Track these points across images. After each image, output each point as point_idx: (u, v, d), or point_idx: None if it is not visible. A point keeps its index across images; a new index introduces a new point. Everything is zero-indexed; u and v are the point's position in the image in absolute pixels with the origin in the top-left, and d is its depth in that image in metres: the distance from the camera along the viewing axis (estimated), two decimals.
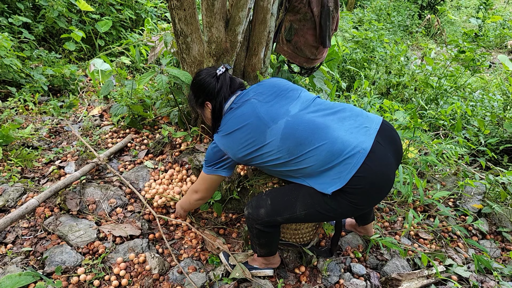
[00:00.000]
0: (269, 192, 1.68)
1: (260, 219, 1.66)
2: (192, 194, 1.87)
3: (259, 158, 1.56)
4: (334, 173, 1.42)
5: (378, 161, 1.41)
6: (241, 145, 1.56)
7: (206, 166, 1.71)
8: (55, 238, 2.03)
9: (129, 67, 4.63)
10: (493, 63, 6.82)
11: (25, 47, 4.03)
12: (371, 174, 1.39)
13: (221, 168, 1.68)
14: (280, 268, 2.00)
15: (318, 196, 1.49)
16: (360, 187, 1.40)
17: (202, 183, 1.78)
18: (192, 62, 2.66)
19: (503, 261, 2.27)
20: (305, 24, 2.67)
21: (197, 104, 1.77)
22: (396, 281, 1.94)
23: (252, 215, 1.69)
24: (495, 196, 2.66)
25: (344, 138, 1.42)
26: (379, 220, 2.48)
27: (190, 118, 2.95)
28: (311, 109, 1.54)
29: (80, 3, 4.22)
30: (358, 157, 1.39)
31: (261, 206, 1.65)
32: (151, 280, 1.85)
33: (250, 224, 1.73)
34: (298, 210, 1.56)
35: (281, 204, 1.59)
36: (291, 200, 1.57)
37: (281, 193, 1.64)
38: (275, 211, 1.61)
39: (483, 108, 3.76)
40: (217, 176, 1.71)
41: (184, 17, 2.45)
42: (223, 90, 1.67)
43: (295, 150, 1.46)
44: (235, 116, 1.60)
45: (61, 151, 2.82)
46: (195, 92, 1.75)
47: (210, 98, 1.69)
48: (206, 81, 1.68)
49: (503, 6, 11.87)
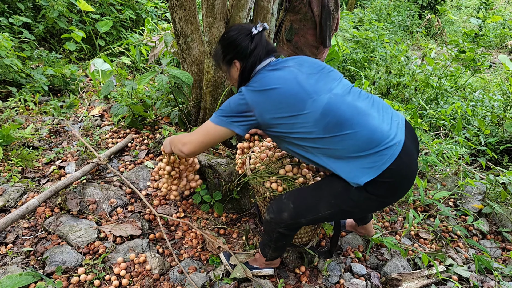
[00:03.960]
0: (289, 195, 1.62)
1: (283, 223, 1.60)
2: (183, 145, 1.61)
3: (288, 126, 1.44)
4: (368, 162, 1.38)
5: (409, 156, 1.42)
6: (275, 106, 1.42)
7: (219, 115, 1.49)
8: (56, 238, 2.03)
9: (129, 67, 4.63)
10: (494, 63, 6.82)
11: (26, 47, 4.03)
12: (403, 168, 1.40)
13: (238, 123, 1.47)
14: (281, 268, 2.00)
15: (342, 194, 1.47)
16: (391, 180, 1.39)
17: (203, 135, 1.54)
18: (193, 62, 2.66)
19: (503, 261, 2.26)
20: (305, 24, 2.67)
21: (224, 61, 1.61)
22: (397, 281, 1.94)
23: (274, 220, 1.62)
24: (495, 196, 2.66)
25: (383, 128, 1.41)
26: (380, 220, 2.48)
27: (191, 118, 2.95)
28: (351, 94, 1.49)
29: (81, 3, 4.22)
30: (394, 149, 1.38)
31: (284, 209, 1.59)
32: (151, 280, 1.85)
33: (272, 229, 1.67)
34: (322, 211, 1.53)
35: (305, 206, 1.55)
36: (314, 202, 1.53)
37: (303, 195, 1.58)
38: (299, 213, 1.56)
39: (483, 108, 3.76)
40: (228, 130, 1.49)
41: (185, 17, 2.45)
42: (257, 51, 1.53)
43: (333, 128, 1.39)
44: (273, 76, 1.47)
45: (61, 151, 2.82)
46: (224, 48, 1.58)
47: (241, 57, 1.55)
48: (239, 38, 1.53)
49: (503, 6, 11.86)
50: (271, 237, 1.71)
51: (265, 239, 1.76)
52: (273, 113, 1.43)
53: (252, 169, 1.85)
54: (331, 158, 1.44)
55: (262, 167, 1.78)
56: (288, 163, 1.74)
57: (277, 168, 1.74)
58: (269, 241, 1.74)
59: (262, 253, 1.84)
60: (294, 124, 1.42)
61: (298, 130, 1.43)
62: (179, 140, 1.64)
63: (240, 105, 1.46)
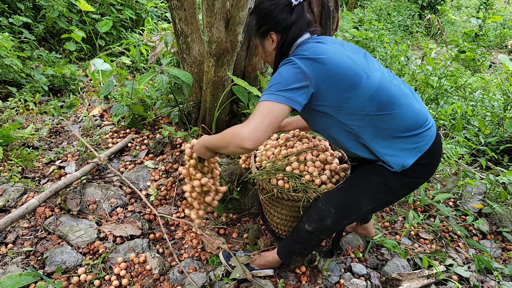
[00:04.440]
0: (325, 200, 1.57)
1: (327, 229, 1.58)
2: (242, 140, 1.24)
3: (342, 100, 1.34)
4: (411, 143, 1.39)
5: (439, 137, 1.49)
6: (331, 76, 1.31)
7: (277, 91, 1.28)
8: (56, 238, 2.03)
9: (129, 67, 4.64)
10: (494, 63, 6.82)
11: (26, 47, 4.03)
12: (438, 148, 1.46)
13: (299, 95, 1.28)
14: (281, 268, 2.00)
15: (381, 185, 1.47)
16: (430, 161, 1.44)
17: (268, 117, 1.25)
18: (193, 62, 2.66)
19: (503, 261, 2.26)
20: None
21: (258, 32, 1.48)
22: (397, 281, 1.94)
23: (318, 229, 1.58)
24: (495, 196, 2.66)
25: (424, 111, 1.44)
26: (380, 220, 2.48)
27: (191, 118, 2.95)
28: (393, 76, 1.48)
29: (81, 3, 4.22)
30: (433, 131, 1.43)
31: (325, 217, 1.55)
32: (151, 280, 1.85)
33: (313, 238, 1.63)
34: (364, 207, 1.52)
35: (346, 208, 1.53)
36: (354, 200, 1.51)
37: (340, 197, 1.55)
38: (343, 216, 1.54)
39: (483, 108, 3.76)
40: (287, 107, 1.27)
41: (185, 17, 2.45)
42: (299, 23, 1.43)
43: (385, 106, 1.36)
44: (322, 47, 1.35)
45: (61, 151, 2.82)
46: (259, 19, 1.45)
47: (279, 29, 1.43)
48: (277, 9, 1.41)
49: (503, 6, 11.86)
50: (310, 246, 1.67)
51: (296, 248, 1.71)
52: (329, 83, 1.31)
53: (258, 166, 1.84)
54: (376, 139, 1.40)
55: (269, 164, 1.78)
56: (295, 160, 1.74)
57: (284, 165, 1.74)
58: (304, 249, 1.70)
59: (284, 260, 1.80)
60: (348, 98, 1.34)
61: (350, 105, 1.35)
62: (232, 135, 1.28)
63: (297, 74, 1.29)
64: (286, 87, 1.28)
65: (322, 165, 1.73)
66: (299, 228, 1.67)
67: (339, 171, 1.74)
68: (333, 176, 1.73)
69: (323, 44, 1.37)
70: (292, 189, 1.66)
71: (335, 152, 1.86)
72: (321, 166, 1.72)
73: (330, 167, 1.73)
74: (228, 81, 2.50)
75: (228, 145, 1.31)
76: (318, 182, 1.67)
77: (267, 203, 1.86)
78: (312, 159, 1.73)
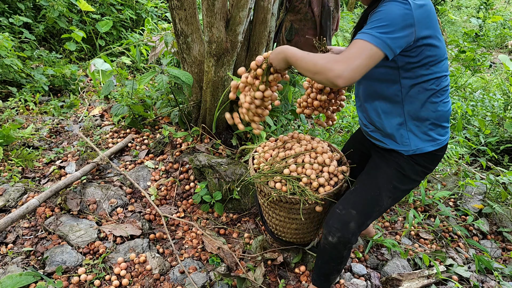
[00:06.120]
0: (343, 205, 1.50)
1: (352, 234, 1.48)
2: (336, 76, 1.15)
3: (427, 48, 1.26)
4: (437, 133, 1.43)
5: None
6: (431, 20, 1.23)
7: (377, 31, 1.16)
8: (56, 238, 2.03)
9: (129, 67, 4.64)
10: (494, 63, 6.81)
11: (26, 47, 4.04)
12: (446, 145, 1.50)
13: (398, 39, 1.17)
14: (281, 268, 2.00)
15: (397, 175, 1.47)
16: (441, 154, 1.48)
17: (366, 59, 1.17)
18: (193, 62, 2.66)
19: (503, 261, 2.26)
20: (305, 24, 2.67)
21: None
22: (397, 281, 1.94)
23: (344, 238, 1.47)
24: (495, 196, 2.66)
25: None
26: (380, 220, 2.48)
27: (191, 118, 2.96)
28: None
29: (81, 3, 4.22)
30: (449, 131, 1.49)
31: (348, 221, 1.46)
32: (151, 280, 1.85)
33: (341, 249, 1.51)
34: (385, 201, 1.48)
35: (368, 206, 1.48)
36: (375, 196, 1.47)
37: (358, 196, 1.50)
38: (365, 216, 1.48)
39: (483, 108, 3.76)
40: (380, 53, 1.17)
41: (185, 17, 2.45)
42: None
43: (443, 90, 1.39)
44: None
45: (61, 151, 2.82)
46: None
47: None
48: None
49: (503, 6, 11.86)
50: (340, 259, 1.57)
51: (331, 267, 1.61)
52: (427, 28, 1.23)
53: (256, 168, 1.84)
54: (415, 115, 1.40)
55: (267, 166, 1.78)
56: (293, 163, 1.73)
57: (282, 167, 1.74)
58: (338, 264, 1.59)
59: (325, 286, 1.69)
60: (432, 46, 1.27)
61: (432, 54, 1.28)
62: (327, 68, 1.17)
63: (407, 16, 1.16)
64: (389, 30, 1.16)
65: (320, 167, 1.73)
66: (323, 246, 1.57)
67: (338, 173, 1.74)
68: (331, 178, 1.72)
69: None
70: (290, 192, 1.66)
71: (334, 154, 1.85)
72: (319, 169, 1.72)
73: (328, 169, 1.72)
74: (228, 81, 2.50)
75: (317, 73, 1.21)
76: (316, 184, 1.66)
77: (266, 205, 1.86)
78: (310, 161, 1.72)
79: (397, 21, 1.16)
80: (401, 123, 1.41)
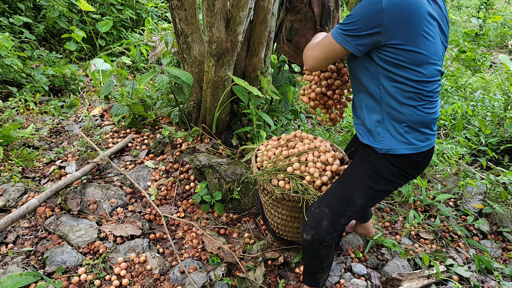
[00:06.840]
0: (317, 203, 1.55)
1: (325, 232, 1.51)
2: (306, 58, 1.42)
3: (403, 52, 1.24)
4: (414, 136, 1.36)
5: (432, 152, 1.46)
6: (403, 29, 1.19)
7: (343, 27, 1.26)
8: (56, 238, 2.03)
9: (129, 67, 4.64)
10: (494, 63, 6.81)
11: (26, 47, 4.04)
12: (430, 155, 1.44)
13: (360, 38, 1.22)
14: (281, 268, 2.00)
15: (371, 174, 1.44)
16: (421, 160, 1.41)
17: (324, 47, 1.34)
18: (193, 62, 2.66)
19: (503, 261, 2.26)
20: (305, 24, 2.66)
21: None
22: (397, 281, 1.94)
23: (317, 235, 1.52)
24: (496, 196, 2.66)
25: (437, 115, 1.41)
26: (380, 220, 2.48)
27: (191, 118, 2.96)
28: None
29: (81, 3, 4.22)
30: (433, 140, 1.42)
31: (320, 219, 1.51)
32: (151, 280, 1.85)
33: (317, 247, 1.55)
34: (358, 200, 1.47)
35: (340, 203, 1.49)
36: (347, 194, 1.48)
37: (331, 195, 1.52)
38: (338, 213, 1.50)
39: (484, 108, 3.76)
40: (341, 48, 1.28)
41: (185, 17, 2.45)
42: None
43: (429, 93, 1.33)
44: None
45: (62, 151, 2.82)
46: None
47: None
48: None
49: (504, 6, 11.86)
50: (320, 257, 1.60)
51: (313, 265, 1.65)
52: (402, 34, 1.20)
53: (259, 167, 1.84)
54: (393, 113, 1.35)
55: (270, 164, 1.78)
56: (296, 161, 1.74)
57: (285, 166, 1.74)
58: (320, 263, 1.63)
59: (313, 284, 1.72)
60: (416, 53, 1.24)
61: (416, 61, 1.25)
62: (306, 49, 1.44)
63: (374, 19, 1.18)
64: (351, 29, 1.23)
65: (323, 166, 1.73)
66: (302, 244, 1.62)
67: (340, 172, 1.74)
68: (334, 177, 1.73)
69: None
70: (293, 190, 1.66)
71: (336, 153, 1.86)
72: (322, 167, 1.72)
73: (331, 168, 1.73)
74: (229, 81, 2.50)
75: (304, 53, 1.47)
76: (319, 183, 1.66)
77: (268, 203, 1.86)
78: (313, 160, 1.73)
79: (362, 20, 1.20)
80: (379, 121, 1.40)
